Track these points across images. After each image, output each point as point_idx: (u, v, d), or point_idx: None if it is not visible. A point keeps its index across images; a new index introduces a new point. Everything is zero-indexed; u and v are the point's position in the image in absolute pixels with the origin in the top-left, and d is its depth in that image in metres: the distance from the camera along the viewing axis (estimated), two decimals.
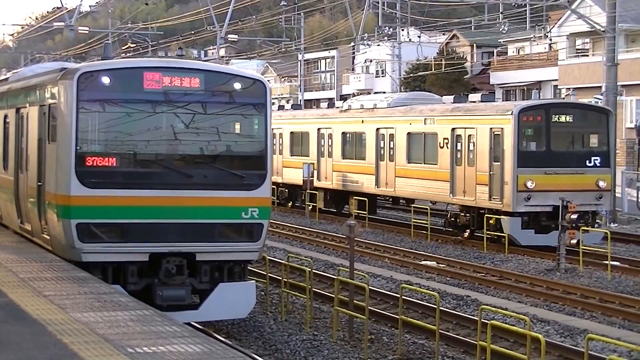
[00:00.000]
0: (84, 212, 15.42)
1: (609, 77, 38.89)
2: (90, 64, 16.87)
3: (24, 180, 18.43)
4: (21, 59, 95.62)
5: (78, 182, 15.38)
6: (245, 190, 16.12)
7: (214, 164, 16.19)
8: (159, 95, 15.89)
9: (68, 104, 15.63)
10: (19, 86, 19.99)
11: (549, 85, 64.92)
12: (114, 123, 15.80)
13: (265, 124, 16.41)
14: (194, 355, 9.41)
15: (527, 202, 28.39)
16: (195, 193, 15.88)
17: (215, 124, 16.28)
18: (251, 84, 16.53)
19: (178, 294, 15.82)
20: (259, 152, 16.47)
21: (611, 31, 38.99)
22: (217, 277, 16.25)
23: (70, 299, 12.25)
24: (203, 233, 15.88)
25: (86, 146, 15.58)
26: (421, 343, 17.28)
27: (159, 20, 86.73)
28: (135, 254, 15.66)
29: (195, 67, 16.63)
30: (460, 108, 32.08)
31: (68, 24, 53.88)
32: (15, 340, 9.85)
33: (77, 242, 15.42)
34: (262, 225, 16.20)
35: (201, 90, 16.14)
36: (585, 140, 30.02)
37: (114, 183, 15.55)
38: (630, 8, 54.86)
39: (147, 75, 15.85)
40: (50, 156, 16.38)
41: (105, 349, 9.50)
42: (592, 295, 21.96)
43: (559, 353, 16.20)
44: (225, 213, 16.00)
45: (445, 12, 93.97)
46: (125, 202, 15.54)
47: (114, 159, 15.65)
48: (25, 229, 18.42)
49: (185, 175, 15.89)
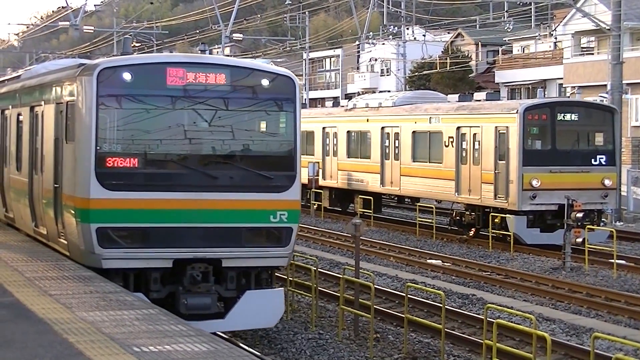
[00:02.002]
0: (104, 215, 14.65)
1: (614, 75, 38.86)
2: (110, 60, 16.08)
3: (38, 181, 17.69)
4: (26, 58, 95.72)
5: (98, 184, 14.63)
6: (273, 193, 15.35)
7: (241, 164, 15.44)
8: (182, 92, 15.14)
9: (87, 101, 14.87)
10: (33, 83, 19.22)
11: (554, 83, 64.85)
12: (136, 121, 15.07)
13: (294, 121, 15.64)
14: (199, 354, 9.41)
15: (533, 200, 28.36)
16: (221, 195, 15.11)
17: (241, 122, 15.61)
18: (279, 79, 15.76)
19: (204, 302, 15.04)
20: (287, 151, 15.70)
21: (616, 29, 38.94)
22: (243, 284, 15.53)
23: (75, 298, 12.25)
24: (229, 238, 15.15)
25: (106, 146, 14.82)
26: (427, 342, 17.27)
27: (163, 19, 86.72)
28: (158, 260, 14.89)
29: (220, 62, 16.01)
30: (465, 107, 32.06)
31: (73, 24, 53.93)
32: (21, 339, 9.85)
33: (96, 248, 14.66)
34: (291, 230, 15.46)
35: (227, 86, 15.41)
36: (591, 138, 29.99)
37: (135, 185, 14.81)
38: (635, 6, 54.82)
39: (170, 71, 15.09)
40: (67, 157, 15.64)
41: (111, 348, 9.50)
42: (597, 293, 21.94)
43: (564, 352, 16.18)
44: (252, 216, 15.24)
45: (450, 11, 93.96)
46: (148, 205, 14.78)
47: (136, 159, 14.89)
48: (40, 232, 17.72)
49: (210, 176, 15.12)
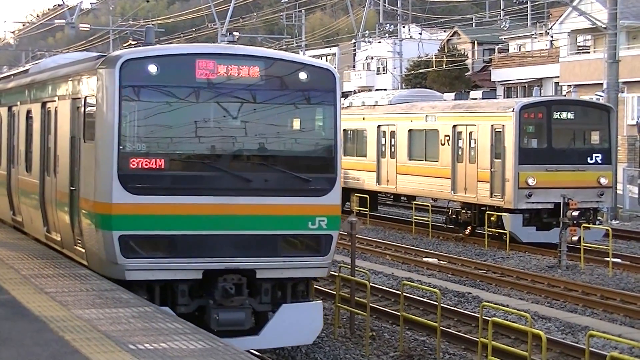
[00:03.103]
0: (127, 222, 13.39)
1: (610, 74, 38.89)
2: (134, 50, 14.57)
3: (51, 184, 16.38)
4: (22, 56, 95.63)
5: (121, 187, 13.33)
6: (312, 197, 14.09)
7: (276, 166, 14.12)
8: (212, 86, 13.86)
9: (108, 96, 13.55)
10: (45, 78, 17.75)
11: (550, 82, 64.89)
12: (162, 118, 13.79)
13: (335, 119, 14.35)
14: (195, 351, 9.42)
15: (529, 199, 28.39)
16: (255, 200, 13.85)
17: (277, 120, 14.31)
18: (319, 73, 14.42)
19: (237, 317, 13.75)
20: (327, 151, 14.41)
21: (612, 28, 38.97)
22: (279, 297, 14.29)
23: (72, 296, 12.25)
24: (264, 246, 13.89)
25: (130, 145, 13.49)
26: (422, 340, 17.28)
27: (160, 17, 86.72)
28: (187, 271, 13.60)
29: (255, 53, 14.64)
30: (461, 105, 32.08)
31: (69, 22, 53.83)
32: (17, 337, 9.85)
33: (119, 258, 13.37)
34: (331, 237, 14.19)
35: (262, 80, 14.11)
36: (587, 137, 30.04)
37: (162, 189, 13.53)
38: (631, 4, 54.87)
39: (199, 63, 13.78)
40: (86, 157, 14.32)
41: (107, 346, 9.50)
42: (593, 292, 21.96)
43: (560, 350, 16.20)
44: (289, 223, 14.00)
45: (447, 9, 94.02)
46: (175, 210, 13.51)
47: (162, 160, 13.54)
48: (53, 239, 16.41)
49: (243, 179, 13.83)
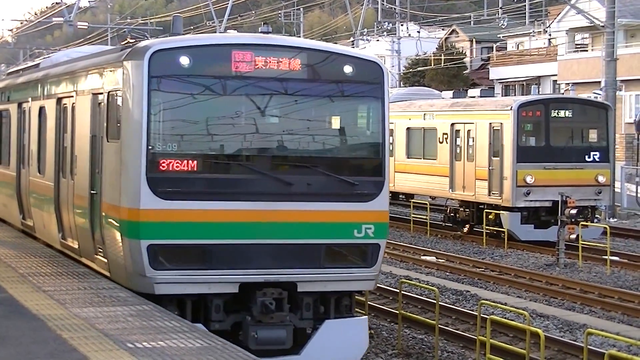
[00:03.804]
0: (157, 230, 12.20)
1: (608, 72, 38.90)
2: (164, 40, 13.31)
3: (68, 186, 15.22)
4: (20, 54, 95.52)
5: (150, 191, 12.15)
6: (358, 202, 12.93)
7: (320, 168, 12.91)
8: (250, 80, 12.69)
9: (136, 90, 12.35)
10: (60, 72, 16.54)
11: (548, 80, 64.91)
12: (195, 115, 12.63)
13: (382, 116, 13.17)
14: (193, 350, 9.41)
15: (527, 197, 28.38)
16: (297, 205, 12.69)
17: (320, 117, 13.28)
18: (365, 66, 13.21)
19: (277, 335, 12.55)
20: (374, 152, 13.28)
21: (610, 26, 38.98)
22: (321, 313, 13.13)
23: (69, 294, 12.23)
24: (306, 257, 12.73)
25: (160, 145, 12.31)
26: (420, 338, 17.28)
27: (158, 15, 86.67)
28: (222, 285, 12.43)
29: (296, 44, 13.35)
30: (459, 103, 32.08)
31: (67, 20, 53.78)
32: (15, 335, 9.84)
33: (148, 270, 12.19)
34: (378, 247, 13.12)
35: (304, 73, 12.94)
36: (585, 135, 30.03)
37: (195, 193, 12.36)
38: (629, 3, 54.88)
39: (236, 54, 12.59)
40: (110, 158, 13.11)
41: (105, 344, 9.49)
42: (591, 290, 21.97)
43: (558, 348, 16.20)
44: (333, 231, 12.84)
45: (445, 7, 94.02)
46: (210, 217, 12.35)
47: (195, 161, 12.38)
48: (69, 246, 15.29)
49: (284, 182, 12.66)
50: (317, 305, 13.07)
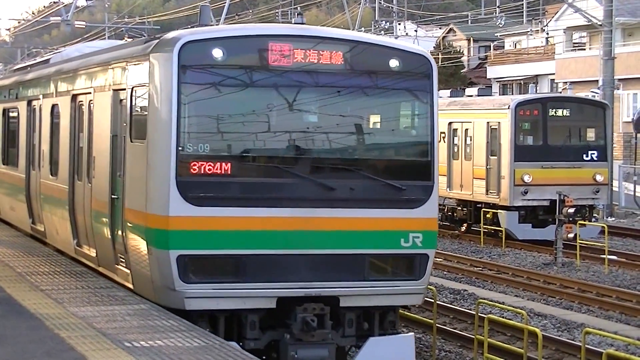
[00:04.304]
0: (187, 239, 11.25)
1: (606, 71, 38.93)
2: (195, 31, 12.18)
3: (85, 190, 14.27)
4: (18, 53, 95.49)
5: (180, 197, 11.18)
6: (405, 209, 11.97)
7: (364, 171, 11.94)
8: (289, 74, 11.68)
9: (164, 86, 11.38)
10: (75, 67, 15.54)
11: (546, 79, 64.95)
12: (229, 113, 11.64)
13: (431, 115, 12.24)
14: (191, 349, 9.40)
15: (524, 196, 28.39)
16: (339, 212, 11.72)
17: (364, 116, 12.25)
18: (414, 59, 12.27)
19: (319, 355, 11.57)
20: (422, 154, 12.29)
21: (608, 25, 39.00)
22: (365, 329, 12.18)
23: (67, 293, 12.22)
24: (349, 268, 11.77)
25: (191, 146, 11.32)
26: (418, 337, 17.26)
27: (155, 14, 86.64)
28: (258, 299, 11.48)
29: (339, 36, 12.27)
30: (457, 102, 32.08)
31: (64, 19, 53.76)
32: (12, 334, 9.83)
33: (177, 283, 11.24)
34: (426, 257, 12.10)
35: (347, 67, 11.95)
36: (582, 134, 30.06)
37: (229, 199, 11.40)
38: (626, 2, 54.90)
39: (273, 46, 11.57)
40: (134, 160, 12.09)
41: (103, 343, 9.48)
42: (589, 289, 21.97)
43: (556, 347, 16.21)
44: (378, 240, 11.88)
45: (442, 6, 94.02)
46: (245, 225, 11.40)
47: (229, 164, 11.39)
48: (86, 254, 14.30)
49: (325, 187, 11.65)
50: (360, 321, 12.11)
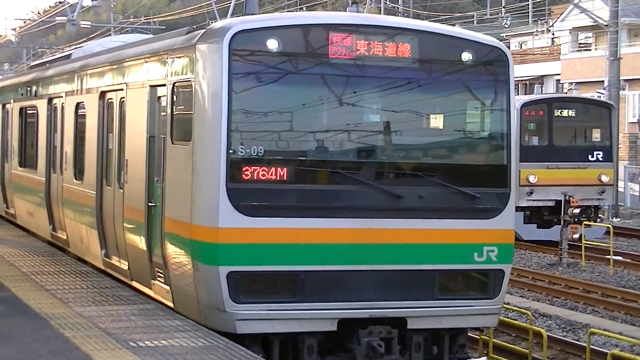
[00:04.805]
0: (239, 254, 10.08)
1: (612, 71, 38.88)
2: (246, 19, 11.00)
3: (115, 197, 13.12)
4: (23, 53, 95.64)
5: (230, 206, 10.01)
6: (479, 219, 10.80)
7: (434, 177, 10.76)
8: (351, 68, 10.53)
9: (213, 81, 10.17)
10: (104, 61, 14.39)
11: (552, 79, 64.88)
12: (285, 112, 10.43)
13: (508, 114, 11.04)
14: (196, 349, 9.40)
15: (530, 196, 28.35)
16: (407, 223, 10.57)
17: (434, 115, 11.14)
18: (487, 53, 11.01)
19: None
20: (498, 157, 11.12)
21: (614, 25, 38.94)
22: (435, 354, 11.00)
23: (72, 293, 12.23)
24: (418, 286, 10.63)
25: (243, 148, 10.12)
26: None
27: (161, 14, 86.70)
28: (317, 321, 10.30)
29: (406, 26, 11.04)
30: None
31: (70, 19, 53.83)
32: (17, 333, 9.84)
33: (228, 303, 10.09)
34: (502, 273, 10.91)
35: (415, 61, 10.77)
36: (588, 134, 30.03)
37: (286, 208, 10.22)
38: (632, 2, 54.86)
39: (333, 37, 10.41)
40: (176, 164, 10.93)
41: (107, 343, 9.49)
42: (594, 289, 21.94)
43: (560, 347, 16.18)
44: (449, 254, 10.70)
45: (448, 7, 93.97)
46: (304, 238, 10.25)
47: (285, 169, 10.20)
48: (116, 267, 13.20)
49: (391, 195, 10.51)
50: (428, 344, 10.94)
